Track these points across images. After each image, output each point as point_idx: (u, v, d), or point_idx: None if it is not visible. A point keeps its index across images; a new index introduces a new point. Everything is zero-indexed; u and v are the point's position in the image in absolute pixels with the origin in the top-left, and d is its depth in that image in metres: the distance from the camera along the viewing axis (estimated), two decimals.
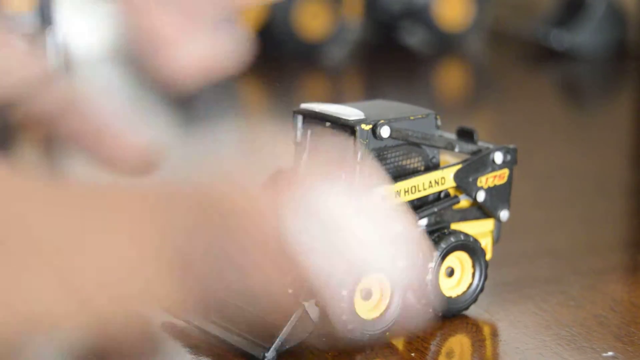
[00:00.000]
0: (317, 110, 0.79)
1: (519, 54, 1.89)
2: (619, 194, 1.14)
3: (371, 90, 1.72)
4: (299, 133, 0.80)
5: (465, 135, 0.82)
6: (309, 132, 0.80)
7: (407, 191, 0.77)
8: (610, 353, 0.74)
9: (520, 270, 0.89)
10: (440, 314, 0.78)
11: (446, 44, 1.90)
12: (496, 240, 0.82)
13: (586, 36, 1.79)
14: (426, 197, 0.78)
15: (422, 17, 1.88)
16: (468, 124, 0.83)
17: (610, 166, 1.23)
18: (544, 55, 1.82)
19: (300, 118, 0.80)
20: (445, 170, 0.79)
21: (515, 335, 0.77)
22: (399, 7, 1.88)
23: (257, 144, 0.89)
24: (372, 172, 0.75)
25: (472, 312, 0.80)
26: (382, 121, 0.76)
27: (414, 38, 1.91)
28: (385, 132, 0.76)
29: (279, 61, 1.79)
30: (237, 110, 1.60)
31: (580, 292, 0.84)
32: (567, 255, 0.94)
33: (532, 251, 0.94)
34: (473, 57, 1.94)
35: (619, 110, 1.55)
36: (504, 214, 0.81)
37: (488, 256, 0.81)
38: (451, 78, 1.86)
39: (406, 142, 0.77)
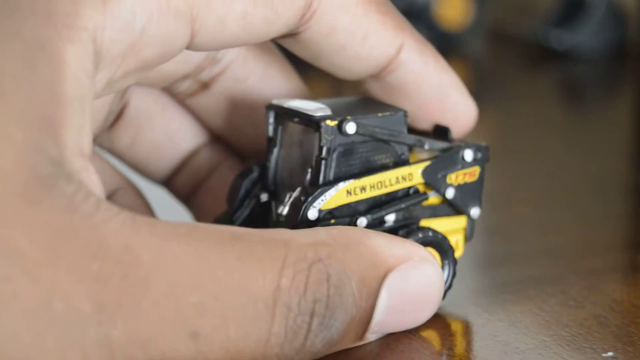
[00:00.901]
0: (285, 106, 0.79)
1: (519, 54, 1.89)
2: (619, 194, 1.14)
3: None
4: (270, 128, 0.81)
5: (440, 132, 0.82)
6: (280, 127, 0.80)
7: (373, 186, 0.77)
8: (610, 353, 0.74)
9: (520, 270, 0.89)
10: None
11: (446, 44, 1.90)
12: (469, 238, 0.82)
13: (586, 36, 1.79)
14: (395, 193, 0.79)
15: (422, 17, 1.88)
16: None
17: (611, 166, 1.23)
18: (544, 55, 1.81)
19: (272, 113, 0.80)
20: (413, 166, 0.79)
21: (515, 335, 0.77)
22: (399, 7, 1.88)
23: None
24: (335, 167, 0.76)
25: (472, 312, 0.80)
26: (348, 117, 0.76)
27: None
28: (351, 128, 0.76)
29: None
30: None
31: (580, 292, 0.84)
32: (567, 255, 0.94)
33: (532, 251, 0.94)
34: (473, 57, 1.94)
35: (619, 110, 1.55)
36: (474, 211, 0.81)
37: (459, 253, 0.81)
38: None
39: (373, 138, 0.78)
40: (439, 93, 0.83)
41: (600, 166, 1.23)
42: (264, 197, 0.81)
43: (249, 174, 0.81)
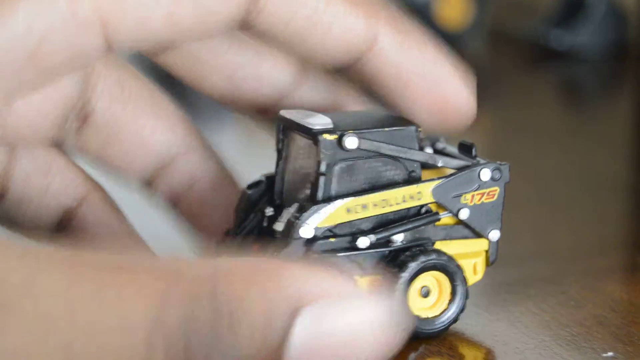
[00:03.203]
0: (289, 117, 0.76)
1: (519, 54, 1.89)
2: (619, 194, 1.14)
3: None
4: (278, 140, 0.78)
5: (465, 149, 0.79)
6: (286, 139, 0.78)
7: (377, 204, 0.74)
8: (610, 353, 0.74)
9: (520, 270, 0.89)
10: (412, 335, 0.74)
11: (446, 44, 1.90)
12: (492, 262, 0.79)
13: (586, 36, 1.78)
14: (406, 212, 0.76)
15: (422, 17, 1.87)
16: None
17: (610, 166, 1.23)
18: (544, 56, 1.81)
19: (279, 125, 0.78)
20: (422, 185, 0.75)
21: (515, 335, 0.77)
22: (399, 6, 1.88)
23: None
24: (336, 183, 0.73)
25: (472, 312, 0.80)
26: (350, 131, 0.74)
27: None
28: (352, 143, 0.73)
29: None
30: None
31: (580, 292, 0.84)
32: (567, 255, 0.94)
33: (532, 251, 0.94)
34: (473, 57, 1.94)
35: (619, 111, 1.55)
36: (493, 234, 0.78)
37: (478, 277, 0.78)
38: None
39: (379, 154, 0.75)
40: (427, 86, 0.78)
41: (600, 166, 1.22)
42: (269, 211, 0.78)
43: (256, 186, 0.79)
